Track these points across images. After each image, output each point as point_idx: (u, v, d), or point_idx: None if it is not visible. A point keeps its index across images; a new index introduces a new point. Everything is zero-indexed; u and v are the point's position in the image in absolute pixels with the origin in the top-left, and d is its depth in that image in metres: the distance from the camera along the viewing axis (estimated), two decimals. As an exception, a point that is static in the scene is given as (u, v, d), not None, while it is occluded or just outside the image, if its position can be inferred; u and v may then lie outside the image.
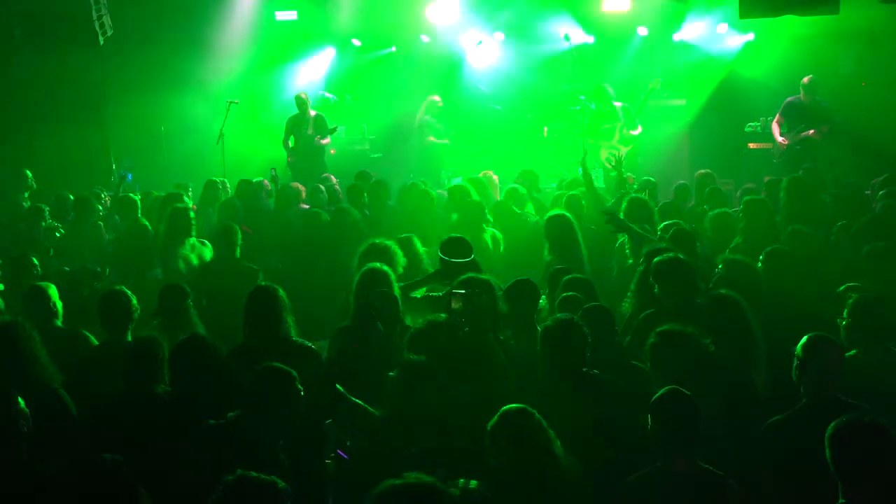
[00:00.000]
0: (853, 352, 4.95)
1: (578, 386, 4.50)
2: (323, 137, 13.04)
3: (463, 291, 4.83)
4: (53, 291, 6.10)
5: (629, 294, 6.07)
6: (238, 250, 7.59)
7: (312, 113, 13.17)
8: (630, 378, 4.79)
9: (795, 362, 4.34)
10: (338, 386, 4.43)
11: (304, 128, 13.05)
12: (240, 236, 7.66)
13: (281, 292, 5.37)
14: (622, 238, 7.35)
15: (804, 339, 4.37)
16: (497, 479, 3.63)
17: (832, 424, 3.53)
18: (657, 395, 4.02)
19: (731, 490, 3.89)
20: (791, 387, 4.52)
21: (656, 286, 5.61)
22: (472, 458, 3.87)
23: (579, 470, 3.93)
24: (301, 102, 13.13)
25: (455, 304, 4.76)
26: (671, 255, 5.72)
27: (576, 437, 4.21)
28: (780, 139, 12.01)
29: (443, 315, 4.88)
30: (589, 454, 4.20)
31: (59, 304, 6.07)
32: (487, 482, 3.53)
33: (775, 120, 12.24)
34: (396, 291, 5.62)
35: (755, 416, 4.46)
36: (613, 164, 9.38)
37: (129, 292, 5.78)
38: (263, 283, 5.60)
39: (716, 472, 3.93)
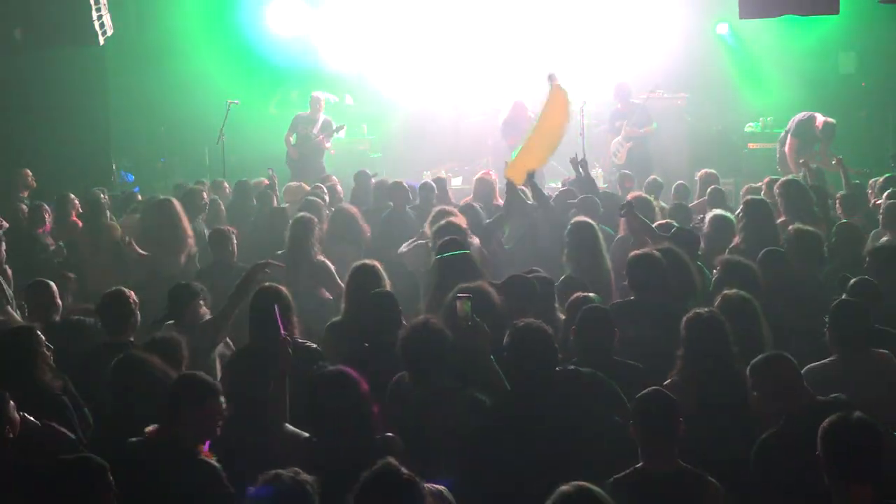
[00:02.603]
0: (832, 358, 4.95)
1: (546, 386, 4.44)
2: (327, 139, 13.07)
3: (468, 295, 4.83)
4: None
5: None
6: (233, 253, 7.64)
7: (322, 116, 13.18)
8: (625, 379, 4.77)
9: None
10: None
11: (308, 127, 13.07)
12: (234, 239, 7.70)
13: (284, 292, 5.37)
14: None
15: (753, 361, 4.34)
16: None
17: (824, 423, 3.53)
18: (639, 395, 4.02)
19: (713, 488, 3.90)
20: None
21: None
22: None
23: None
24: (315, 102, 13.15)
25: (462, 307, 4.74)
26: (647, 251, 5.87)
27: (547, 436, 4.22)
28: (791, 164, 11.56)
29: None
30: (561, 454, 4.20)
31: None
32: None
33: (788, 143, 11.72)
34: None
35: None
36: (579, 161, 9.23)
37: (128, 292, 5.79)
38: (267, 284, 5.59)
39: (696, 471, 3.94)
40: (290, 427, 4.45)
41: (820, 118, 11.56)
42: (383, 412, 4.36)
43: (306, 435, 4.28)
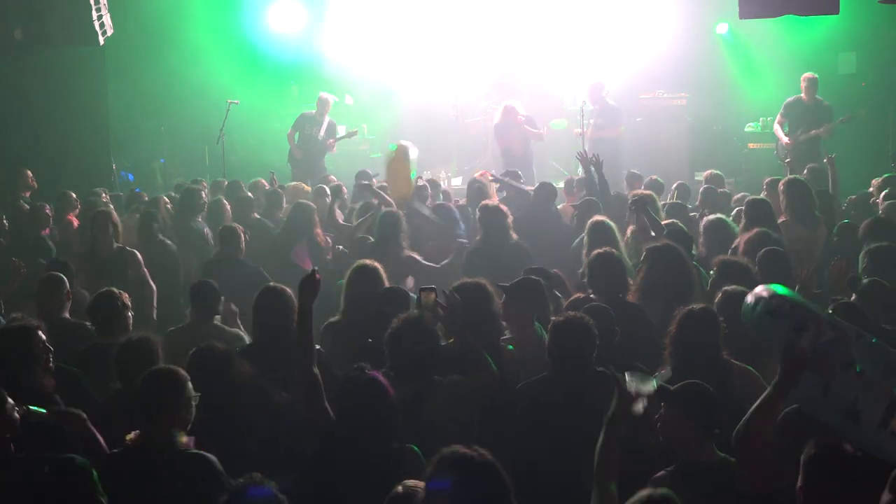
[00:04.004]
0: None
1: (587, 383, 4.50)
2: (335, 143, 13.05)
3: (433, 287, 4.85)
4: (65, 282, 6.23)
5: None
6: (242, 251, 7.67)
7: (327, 119, 13.14)
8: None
9: None
10: None
11: (313, 128, 13.04)
12: (243, 237, 7.71)
13: (288, 292, 5.37)
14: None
15: None
16: None
17: (811, 452, 3.43)
18: (678, 388, 4.08)
19: None
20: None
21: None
22: None
23: None
24: (322, 104, 13.10)
25: (425, 300, 4.77)
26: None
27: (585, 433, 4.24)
28: (784, 139, 11.99)
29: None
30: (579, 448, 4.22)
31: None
32: None
33: (777, 121, 12.24)
34: None
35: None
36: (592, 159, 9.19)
37: (118, 292, 5.79)
38: (271, 284, 5.60)
39: (733, 460, 3.96)
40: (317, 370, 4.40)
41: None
42: None
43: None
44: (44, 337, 4.82)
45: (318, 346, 5.31)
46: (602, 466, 3.74)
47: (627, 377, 3.85)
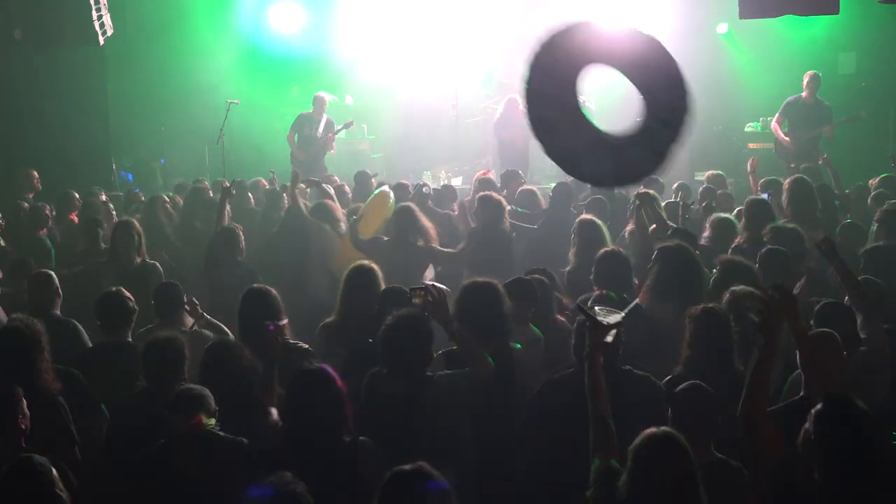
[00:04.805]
0: None
1: (614, 381, 4.46)
2: (334, 138, 13.04)
3: (422, 286, 4.87)
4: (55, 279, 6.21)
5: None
6: (241, 251, 7.65)
7: (325, 117, 13.15)
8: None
9: None
10: None
11: (312, 128, 13.03)
12: (242, 237, 7.70)
13: (273, 293, 5.37)
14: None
15: None
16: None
17: (821, 406, 3.58)
18: (679, 389, 4.12)
19: (745, 479, 3.97)
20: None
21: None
22: None
23: None
24: (319, 103, 13.09)
25: (415, 300, 4.79)
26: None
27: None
28: (783, 137, 11.97)
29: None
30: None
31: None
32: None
33: (775, 119, 12.23)
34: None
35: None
36: None
37: (126, 292, 5.79)
38: (256, 285, 5.59)
39: (731, 461, 4.01)
40: (275, 415, 4.49)
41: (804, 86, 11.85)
42: (365, 412, 4.40)
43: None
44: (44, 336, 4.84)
45: (307, 346, 5.35)
46: (593, 400, 3.95)
47: (597, 310, 4.20)
